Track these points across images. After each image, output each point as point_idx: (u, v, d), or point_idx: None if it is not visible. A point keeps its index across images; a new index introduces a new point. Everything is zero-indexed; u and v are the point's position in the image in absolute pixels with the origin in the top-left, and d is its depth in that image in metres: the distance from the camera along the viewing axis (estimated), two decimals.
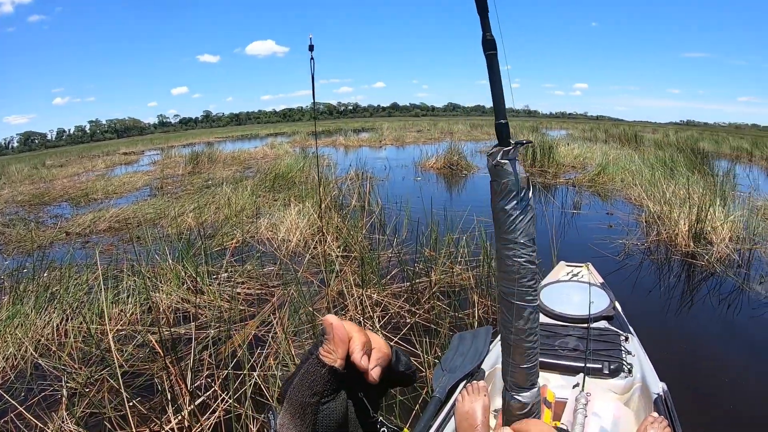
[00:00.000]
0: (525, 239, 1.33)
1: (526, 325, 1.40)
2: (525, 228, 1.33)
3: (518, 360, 1.46)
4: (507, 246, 1.35)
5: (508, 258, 1.36)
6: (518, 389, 1.50)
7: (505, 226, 1.34)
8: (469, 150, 18.81)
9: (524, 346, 1.43)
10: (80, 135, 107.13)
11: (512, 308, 1.40)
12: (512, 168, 1.31)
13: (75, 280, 5.31)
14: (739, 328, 4.52)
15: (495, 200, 1.36)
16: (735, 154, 21.81)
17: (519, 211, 1.32)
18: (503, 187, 1.32)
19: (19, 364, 3.93)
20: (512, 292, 1.38)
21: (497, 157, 1.33)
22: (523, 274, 1.35)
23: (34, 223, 9.60)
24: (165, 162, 20.36)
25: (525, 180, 1.33)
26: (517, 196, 1.31)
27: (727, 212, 7.04)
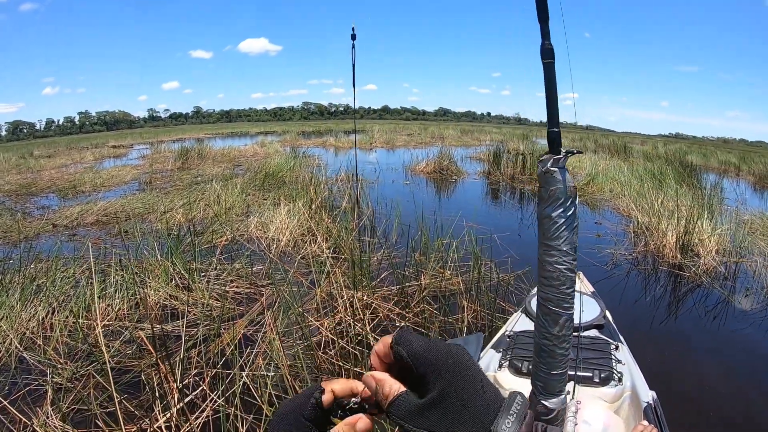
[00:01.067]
0: (567, 247, 1.34)
1: (561, 332, 1.41)
2: (568, 236, 1.33)
3: (550, 366, 1.46)
4: (549, 252, 1.36)
5: (550, 264, 1.37)
6: (546, 395, 1.50)
7: (549, 233, 1.35)
8: (459, 155, 18.86)
9: (557, 352, 1.43)
10: (69, 126, 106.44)
11: (549, 314, 1.40)
12: (561, 176, 1.32)
13: (62, 273, 5.25)
14: (724, 339, 4.56)
15: (541, 207, 1.36)
16: (723, 168, 22.03)
17: (564, 219, 1.32)
18: (551, 195, 1.33)
19: (3, 357, 3.88)
20: (550, 298, 1.39)
21: (547, 164, 1.33)
22: (563, 281, 1.36)
23: (21, 214, 9.51)
24: (154, 157, 20.27)
25: (572, 189, 1.34)
26: (564, 204, 1.32)
27: (714, 225, 7.09)
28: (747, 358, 4.29)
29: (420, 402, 0.57)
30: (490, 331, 4.22)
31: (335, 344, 3.94)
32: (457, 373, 0.57)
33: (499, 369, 2.66)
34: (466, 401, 0.56)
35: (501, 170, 15.05)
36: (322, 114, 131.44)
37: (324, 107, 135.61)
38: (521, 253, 6.14)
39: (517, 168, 14.82)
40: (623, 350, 2.76)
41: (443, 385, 0.56)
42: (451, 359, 0.58)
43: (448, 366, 0.58)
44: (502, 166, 15.19)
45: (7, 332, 4.10)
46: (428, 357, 0.58)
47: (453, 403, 0.55)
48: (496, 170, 15.13)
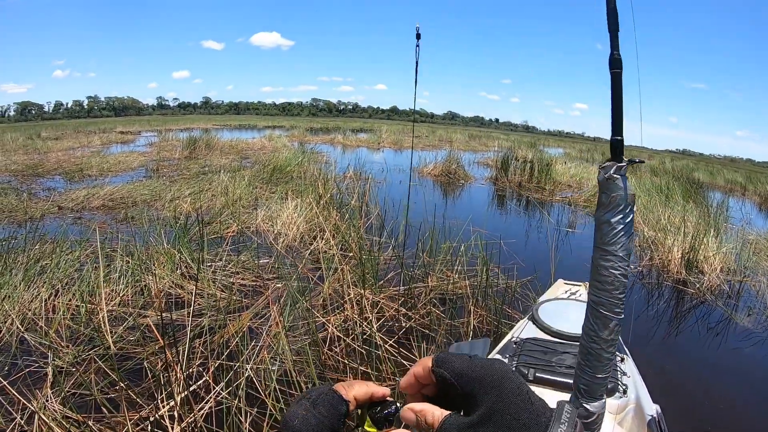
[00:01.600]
0: (623, 253, 1.36)
1: (610, 336, 1.43)
2: (625, 242, 1.36)
3: (596, 369, 1.47)
4: (605, 257, 1.38)
5: (605, 269, 1.39)
6: (589, 398, 1.51)
7: (607, 237, 1.37)
8: (467, 160, 18.85)
9: (604, 356, 1.44)
10: (77, 110, 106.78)
11: (600, 318, 1.42)
12: (623, 183, 1.34)
13: (67, 255, 5.24)
14: (726, 356, 4.56)
15: (600, 212, 1.39)
16: (729, 186, 22.03)
17: (622, 225, 1.35)
18: (611, 200, 1.36)
19: (4, 337, 3.86)
20: (602, 302, 1.40)
21: (610, 171, 1.35)
22: (617, 286, 1.38)
23: (27, 194, 9.51)
24: (162, 144, 20.28)
25: (632, 197, 1.36)
26: (623, 210, 1.35)
27: (719, 243, 7.09)
28: (748, 376, 4.29)
29: (469, 420, 0.57)
30: (495, 336, 4.20)
31: (341, 341, 3.93)
32: (503, 388, 0.57)
33: None
34: (515, 414, 0.55)
35: (508, 177, 15.04)
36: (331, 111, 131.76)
37: (333, 104, 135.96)
38: (527, 260, 6.12)
39: (525, 176, 14.81)
40: (629, 362, 2.75)
41: (491, 400, 0.56)
42: (496, 374, 0.58)
43: (494, 381, 0.58)
44: (510, 173, 15.18)
45: (9, 312, 4.09)
46: (472, 375, 0.59)
47: (503, 418, 0.55)
48: (504, 177, 15.13)
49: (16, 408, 2.96)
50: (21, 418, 2.87)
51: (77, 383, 3.27)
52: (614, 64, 1.38)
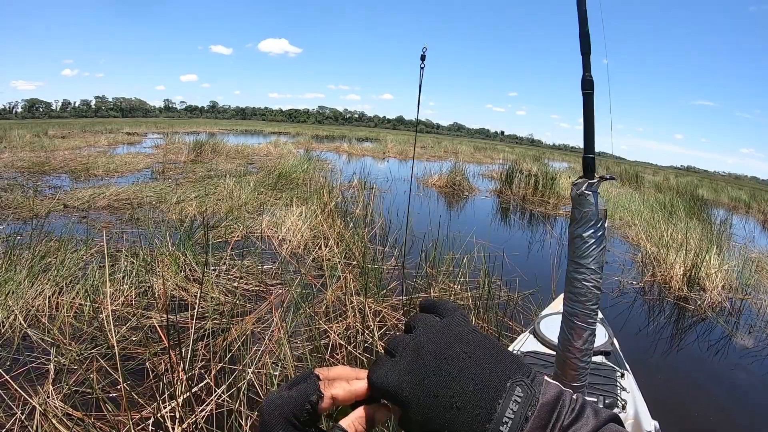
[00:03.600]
0: (595, 266, 1.40)
1: (584, 346, 1.46)
2: (597, 256, 1.40)
3: (571, 378, 1.50)
4: (578, 270, 1.41)
5: (578, 281, 1.42)
6: None
7: (580, 251, 1.40)
8: (471, 172, 18.86)
9: (579, 365, 1.47)
10: (85, 109, 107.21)
11: (574, 328, 1.44)
12: (594, 199, 1.37)
13: (71, 254, 5.26)
14: (725, 374, 4.55)
15: (573, 226, 1.42)
16: (733, 204, 22.01)
17: (594, 239, 1.39)
18: (583, 216, 1.39)
19: (7, 332, 3.88)
20: (576, 313, 1.44)
21: (582, 188, 1.39)
22: (589, 297, 1.42)
23: (33, 191, 9.54)
24: (168, 147, 20.30)
25: (603, 212, 1.39)
26: (595, 225, 1.39)
27: (722, 260, 7.08)
28: (748, 394, 4.28)
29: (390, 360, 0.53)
30: None
31: (342, 348, 3.94)
32: None
33: None
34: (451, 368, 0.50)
35: (513, 190, 15.07)
36: (337, 119, 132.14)
37: (339, 113, 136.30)
38: (529, 273, 6.12)
39: (529, 189, 14.83)
40: (629, 378, 2.75)
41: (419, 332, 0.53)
42: None
43: None
44: (514, 186, 15.20)
45: (12, 308, 4.11)
46: None
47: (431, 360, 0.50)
48: (508, 190, 15.15)
49: (17, 403, 2.97)
50: (22, 413, 2.88)
51: (79, 381, 3.29)
52: (586, 86, 1.42)
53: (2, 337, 3.82)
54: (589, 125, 1.43)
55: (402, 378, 0.50)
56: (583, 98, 1.43)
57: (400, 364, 0.51)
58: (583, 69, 1.41)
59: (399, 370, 0.51)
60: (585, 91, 1.43)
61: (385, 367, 0.52)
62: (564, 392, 0.49)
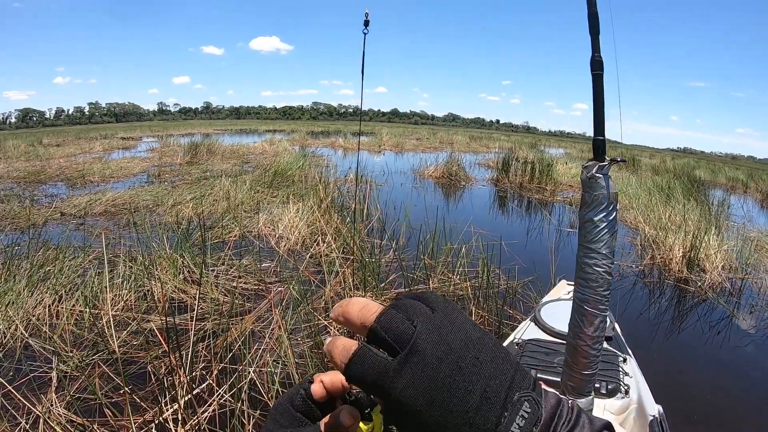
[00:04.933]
0: (606, 250, 1.38)
1: (595, 333, 1.44)
2: (608, 240, 1.38)
3: (582, 366, 1.48)
4: (589, 255, 1.39)
5: (589, 266, 1.40)
6: (576, 395, 1.52)
7: (590, 236, 1.38)
8: (467, 162, 18.83)
9: (590, 353, 1.46)
10: (79, 116, 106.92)
11: (585, 315, 1.43)
12: (605, 182, 1.35)
13: (70, 262, 5.26)
14: (728, 355, 4.55)
15: (584, 210, 1.40)
16: (730, 184, 21.98)
17: (606, 223, 1.36)
18: (594, 199, 1.37)
19: (9, 342, 3.88)
20: (587, 299, 1.42)
21: (592, 171, 1.37)
22: (600, 283, 1.39)
23: (29, 201, 9.53)
24: (163, 150, 20.23)
25: (614, 195, 1.37)
26: (606, 209, 1.36)
27: (721, 241, 7.07)
28: (751, 374, 4.29)
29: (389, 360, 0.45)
30: (497, 338, 4.20)
31: None
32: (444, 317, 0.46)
33: None
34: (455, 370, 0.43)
35: (509, 178, 15.04)
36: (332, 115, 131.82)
37: (333, 108, 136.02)
38: (529, 261, 6.12)
39: (526, 176, 14.79)
40: (631, 363, 2.75)
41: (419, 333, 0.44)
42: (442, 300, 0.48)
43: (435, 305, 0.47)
44: (511, 174, 15.17)
45: (13, 318, 4.11)
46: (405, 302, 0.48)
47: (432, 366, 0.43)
48: (505, 178, 15.13)
49: (21, 413, 2.98)
50: (26, 422, 2.89)
51: (81, 387, 3.30)
52: (595, 66, 1.40)
53: (4, 348, 3.83)
54: (599, 107, 1.41)
55: (417, 394, 0.43)
56: (593, 79, 1.41)
57: (412, 375, 0.44)
58: (592, 49, 1.40)
59: (413, 384, 0.44)
60: (594, 72, 1.41)
61: (396, 377, 0.44)
62: (562, 401, 0.46)
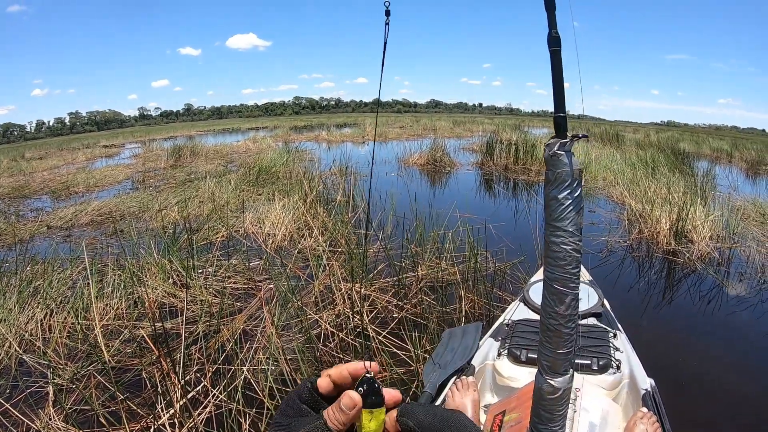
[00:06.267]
0: (573, 228, 1.38)
1: (567, 311, 1.44)
2: (574, 218, 1.37)
3: (555, 345, 1.49)
4: (555, 233, 1.40)
5: (556, 245, 1.40)
6: (552, 374, 1.53)
7: (556, 214, 1.38)
8: (452, 147, 18.84)
9: (563, 331, 1.46)
10: (60, 127, 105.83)
11: (556, 294, 1.43)
12: (568, 159, 1.36)
13: (58, 275, 5.24)
14: (719, 324, 4.59)
15: (548, 189, 1.40)
16: (715, 155, 22.07)
17: (570, 200, 1.36)
18: (557, 177, 1.37)
19: (3, 360, 3.88)
20: (557, 278, 1.42)
21: (554, 148, 1.37)
22: (569, 261, 1.39)
23: (15, 217, 9.48)
24: (146, 155, 20.13)
25: (578, 172, 1.38)
26: (570, 186, 1.36)
27: (707, 211, 7.12)
28: (742, 341, 4.34)
29: None
30: (488, 320, 4.24)
31: (335, 336, 3.97)
32: None
33: (498, 358, 2.69)
34: None
35: (494, 161, 15.04)
36: (314, 108, 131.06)
37: (315, 101, 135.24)
38: (516, 242, 6.16)
39: (511, 158, 14.77)
40: (621, 338, 2.79)
41: None
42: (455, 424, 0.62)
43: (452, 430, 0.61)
44: (495, 157, 15.17)
45: (5, 335, 4.10)
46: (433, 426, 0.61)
47: None
48: (490, 161, 15.13)
49: (20, 429, 2.99)
50: None
51: (78, 399, 3.30)
52: (553, 43, 1.40)
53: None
54: (558, 84, 1.41)
55: (446, 417, 0.63)
56: (551, 56, 1.41)
57: (439, 409, 0.64)
58: (549, 26, 1.39)
59: (440, 413, 0.63)
60: (552, 48, 1.41)
61: None
62: None
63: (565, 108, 1.41)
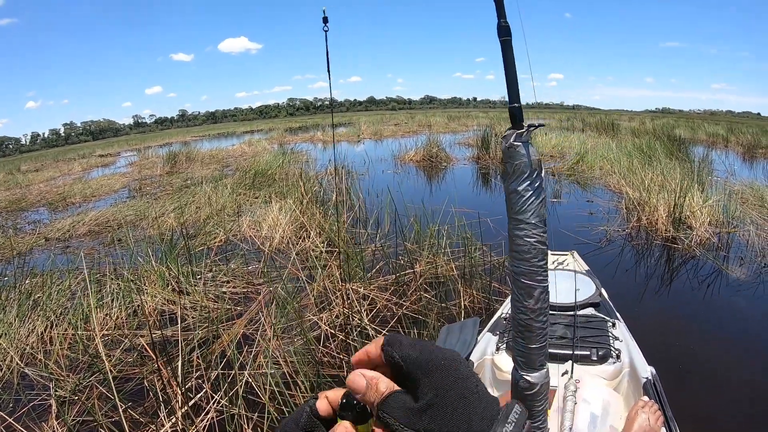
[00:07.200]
0: (536, 220, 1.36)
1: (536, 305, 1.42)
2: (536, 209, 1.35)
3: (528, 340, 1.48)
4: (518, 226, 1.38)
5: (519, 238, 1.39)
6: (528, 369, 1.52)
7: (517, 206, 1.37)
8: (447, 142, 18.83)
9: (534, 326, 1.45)
10: (55, 138, 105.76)
11: (523, 288, 1.42)
12: (525, 150, 1.34)
13: (57, 286, 5.23)
14: (720, 309, 4.60)
15: (507, 182, 1.39)
16: (711, 140, 22.06)
17: (531, 192, 1.34)
18: (515, 169, 1.35)
19: (5, 374, 3.87)
20: (524, 272, 1.40)
21: (510, 140, 1.36)
22: (534, 254, 1.37)
23: (12, 230, 9.47)
24: (142, 163, 20.16)
25: (537, 162, 1.36)
26: (530, 177, 1.34)
27: (705, 197, 7.10)
28: (743, 326, 4.34)
29: (413, 405, 0.55)
30: (487, 314, 4.23)
31: (335, 337, 3.96)
32: (450, 374, 0.56)
33: (496, 352, 2.68)
34: (459, 405, 0.54)
35: (490, 154, 15.01)
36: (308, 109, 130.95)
37: (309, 102, 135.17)
38: None
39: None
40: (620, 327, 2.77)
41: (436, 385, 0.55)
42: (444, 361, 0.57)
43: (441, 366, 0.56)
44: (491, 150, 15.15)
45: (7, 349, 4.10)
46: (420, 358, 0.57)
47: (445, 408, 0.54)
48: (486, 155, 15.11)
49: None
50: None
51: (81, 411, 3.30)
52: (503, 32, 1.39)
53: (1, 380, 3.82)
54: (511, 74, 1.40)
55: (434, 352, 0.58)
56: (501, 46, 1.40)
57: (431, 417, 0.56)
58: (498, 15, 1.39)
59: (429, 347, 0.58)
60: (502, 38, 1.40)
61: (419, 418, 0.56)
62: None
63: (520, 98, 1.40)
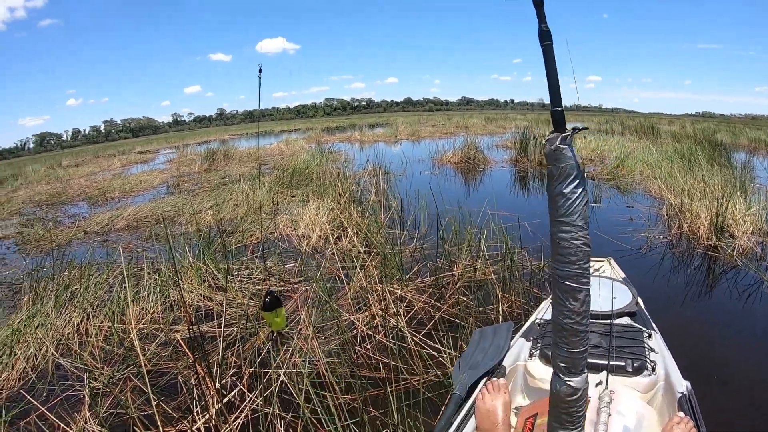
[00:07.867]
0: (581, 222, 1.36)
1: (581, 308, 1.42)
2: (582, 211, 1.35)
3: (572, 344, 1.46)
4: (564, 229, 1.38)
5: (566, 241, 1.38)
6: (569, 374, 1.49)
7: (563, 209, 1.36)
8: (485, 144, 18.75)
9: (578, 329, 1.43)
10: (95, 135, 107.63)
11: (568, 291, 1.40)
12: (571, 152, 1.33)
13: (95, 279, 5.28)
14: (760, 321, 4.41)
15: (552, 185, 1.38)
16: (753, 145, 21.54)
17: (577, 194, 1.34)
18: (561, 171, 1.35)
19: (40, 364, 3.92)
20: (569, 275, 1.39)
21: (556, 142, 1.34)
22: (580, 256, 1.38)
23: (52, 223, 9.64)
24: (181, 160, 20.37)
25: (581, 164, 1.35)
26: (576, 179, 1.34)
27: (748, 205, 6.91)
28: None
29: None
30: (526, 320, 4.17)
31: (371, 338, 3.92)
32: None
33: (529, 358, 2.64)
34: None
35: (528, 157, 14.85)
36: (345, 109, 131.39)
37: (347, 102, 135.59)
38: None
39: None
40: (656, 338, 2.71)
41: None
42: None
43: None
44: (530, 153, 15.00)
45: (43, 340, 4.14)
46: None
47: None
48: (524, 157, 14.94)
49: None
50: None
51: (114, 403, 3.31)
52: (544, 37, 1.38)
53: (36, 369, 3.86)
54: (553, 78, 1.39)
55: None
56: (543, 51, 1.39)
57: None
58: (539, 21, 1.38)
59: None
60: (544, 43, 1.39)
61: None
62: None
63: (562, 102, 1.39)
